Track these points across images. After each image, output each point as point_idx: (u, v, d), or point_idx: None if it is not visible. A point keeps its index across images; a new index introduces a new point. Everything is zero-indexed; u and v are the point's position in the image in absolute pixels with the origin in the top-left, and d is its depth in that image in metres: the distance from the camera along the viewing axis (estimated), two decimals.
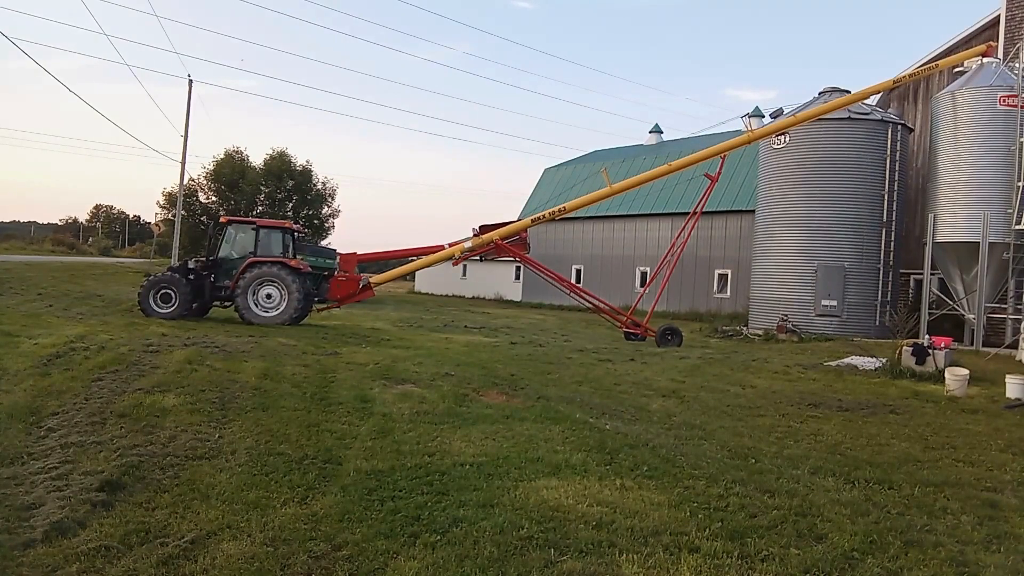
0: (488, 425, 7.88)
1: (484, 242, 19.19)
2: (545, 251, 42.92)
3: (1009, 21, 22.92)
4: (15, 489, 5.29)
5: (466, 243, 19.24)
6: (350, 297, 18.93)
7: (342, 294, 18.68)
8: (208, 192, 51.50)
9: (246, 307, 16.78)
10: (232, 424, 7.30)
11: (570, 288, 21.44)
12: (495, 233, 19.26)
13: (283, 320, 16.76)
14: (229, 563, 4.28)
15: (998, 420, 10.22)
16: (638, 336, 20.39)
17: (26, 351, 10.27)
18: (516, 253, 20.07)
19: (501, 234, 19.29)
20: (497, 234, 19.24)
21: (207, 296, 17.50)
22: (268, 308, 16.96)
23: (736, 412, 9.97)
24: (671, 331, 19.84)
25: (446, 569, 4.32)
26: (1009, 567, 4.87)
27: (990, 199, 20.03)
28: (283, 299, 16.92)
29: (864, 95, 21.62)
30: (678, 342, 19.44)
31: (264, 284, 16.91)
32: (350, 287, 18.71)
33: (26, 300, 18.32)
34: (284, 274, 16.91)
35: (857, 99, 21.68)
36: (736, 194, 33.71)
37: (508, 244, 19.50)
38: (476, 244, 19.24)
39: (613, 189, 19.86)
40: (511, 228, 19.55)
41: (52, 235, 72.64)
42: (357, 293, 18.85)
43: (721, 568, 4.51)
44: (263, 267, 16.88)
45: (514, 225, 19.73)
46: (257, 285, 16.88)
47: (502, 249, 19.54)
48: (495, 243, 19.19)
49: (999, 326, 20.89)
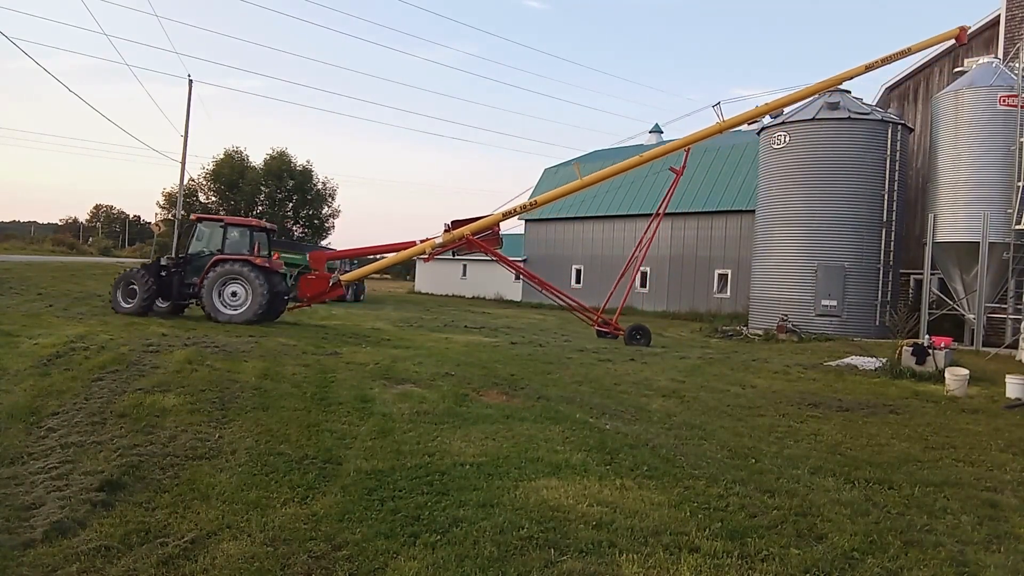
0: (488, 425, 7.88)
1: (455, 237, 19.14)
2: (546, 251, 42.97)
3: (1009, 21, 22.92)
4: (15, 489, 5.29)
5: (437, 239, 19.28)
6: (320, 296, 18.80)
7: (312, 292, 18.52)
8: (208, 192, 51.54)
9: (211, 304, 16.55)
10: (232, 424, 7.30)
11: (542, 286, 21.43)
12: (466, 228, 19.21)
13: (247, 318, 16.39)
14: (229, 563, 4.28)
15: (998, 420, 10.22)
16: (610, 334, 20.45)
17: (26, 351, 10.27)
18: (487, 249, 20.05)
19: (472, 229, 19.22)
20: (468, 229, 19.18)
21: (174, 293, 17.30)
22: (234, 306, 16.67)
23: (736, 412, 9.97)
24: (639, 330, 19.96)
25: (446, 569, 4.32)
26: (1009, 567, 4.87)
27: (990, 199, 20.04)
28: (248, 297, 16.63)
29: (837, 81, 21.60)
30: (646, 342, 19.49)
31: (229, 282, 16.68)
32: (320, 285, 18.55)
33: (26, 300, 18.31)
34: (248, 271, 16.57)
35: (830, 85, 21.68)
36: (736, 194, 33.70)
37: (479, 240, 19.45)
38: (447, 239, 19.20)
39: (584, 182, 19.99)
40: (482, 223, 19.44)
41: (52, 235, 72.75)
42: (327, 291, 18.70)
43: (721, 568, 4.51)
44: (228, 265, 16.65)
45: (485, 220, 19.55)
46: (222, 283, 16.67)
47: (473, 244, 19.49)
48: (466, 238, 19.15)
49: (999, 326, 20.89)
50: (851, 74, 21.52)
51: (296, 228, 52.69)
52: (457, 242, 19.30)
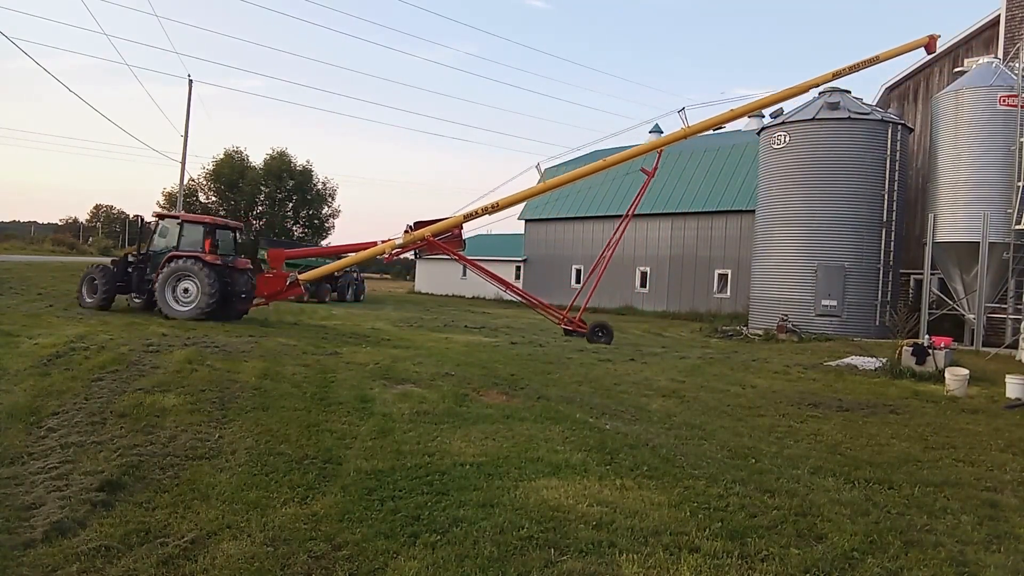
0: (488, 425, 7.88)
1: (415, 238, 19.31)
2: (546, 251, 42.97)
3: (1009, 21, 22.92)
4: (15, 489, 5.29)
5: (398, 239, 19.47)
6: (277, 294, 18.87)
7: (269, 291, 18.57)
8: (208, 192, 51.54)
9: (162, 300, 16.69)
10: (232, 424, 7.30)
11: (506, 286, 21.50)
12: (427, 230, 19.33)
13: (194, 315, 16.42)
14: (229, 563, 4.28)
15: (998, 420, 10.22)
16: (576, 332, 20.54)
17: (26, 351, 10.27)
18: (448, 250, 20.18)
19: (432, 231, 19.35)
20: (428, 231, 19.31)
21: (134, 288, 17.69)
22: (185, 302, 16.74)
23: (736, 412, 9.97)
24: (601, 328, 20.12)
25: (446, 569, 4.31)
26: (1009, 567, 4.87)
27: (990, 199, 20.04)
28: (198, 293, 16.70)
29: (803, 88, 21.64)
30: (607, 340, 19.59)
31: (182, 278, 16.79)
32: (277, 284, 18.63)
33: (26, 300, 18.32)
34: (198, 268, 16.61)
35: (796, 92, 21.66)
36: (736, 194, 33.71)
37: (440, 241, 19.56)
38: (407, 240, 19.38)
39: (546, 185, 20.13)
40: (442, 225, 19.54)
41: (52, 235, 72.71)
42: (284, 290, 18.78)
43: (721, 568, 4.51)
44: (180, 261, 16.79)
45: (446, 222, 19.64)
46: (176, 279, 16.79)
47: (434, 246, 19.63)
48: (427, 239, 19.29)
49: (999, 326, 20.89)
50: (818, 81, 21.71)
51: (296, 228, 52.72)
52: (418, 243, 19.55)
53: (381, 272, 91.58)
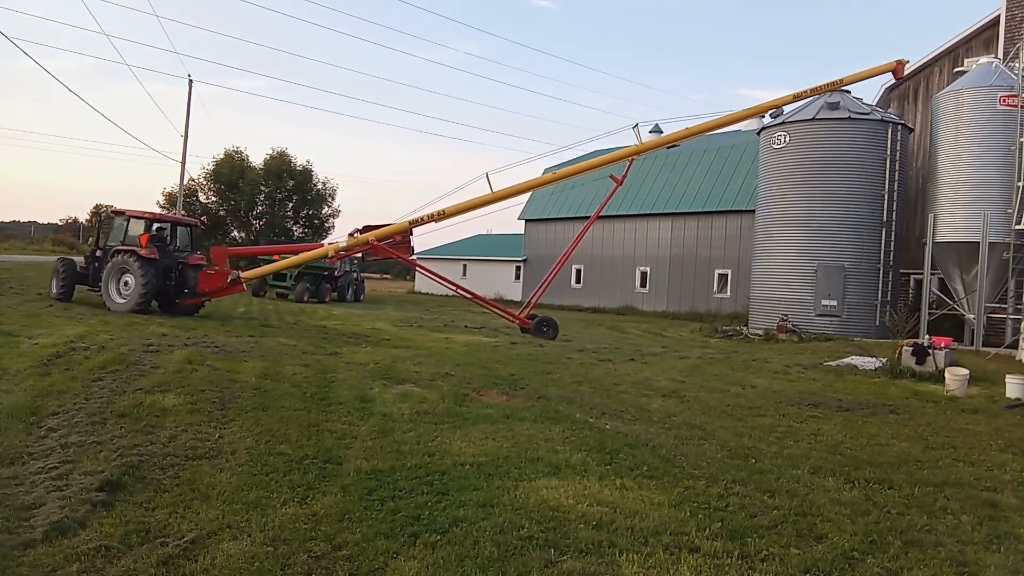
0: (488, 425, 7.88)
1: (360, 242, 19.46)
2: (546, 251, 42.95)
3: (1009, 21, 22.92)
4: (15, 489, 5.29)
5: (341, 242, 19.71)
6: (218, 291, 18.98)
7: (210, 287, 18.68)
8: (208, 192, 51.56)
9: (106, 294, 17.29)
10: (232, 424, 7.30)
11: (456, 288, 21.67)
12: (371, 234, 19.43)
13: (130, 307, 16.86)
14: (229, 563, 4.28)
15: (998, 420, 10.23)
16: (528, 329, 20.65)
17: (26, 351, 10.27)
18: (394, 255, 20.34)
19: (377, 235, 19.43)
20: (373, 235, 19.41)
21: (91, 281, 18.34)
22: (125, 295, 17.19)
23: (736, 412, 9.97)
24: (546, 322, 20.43)
25: (446, 569, 4.31)
26: (1009, 567, 4.87)
27: (990, 199, 20.04)
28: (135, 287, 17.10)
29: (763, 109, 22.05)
30: (553, 334, 19.81)
31: (124, 273, 17.25)
32: (218, 280, 18.74)
33: (26, 300, 18.31)
34: (132, 261, 17.04)
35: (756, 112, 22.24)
36: (736, 194, 33.72)
37: (386, 246, 19.67)
38: (351, 244, 19.55)
39: (496, 195, 19.97)
40: (388, 230, 19.61)
41: (52, 235, 72.73)
42: (225, 287, 18.89)
43: (721, 568, 4.51)
44: (120, 256, 17.26)
45: (391, 227, 19.69)
46: (119, 272, 17.29)
47: (378, 250, 19.82)
48: (371, 244, 19.42)
49: (999, 326, 20.89)
50: (779, 102, 22.02)
51: (296, 228, 52.73)
52: (361, 247, 19.81)
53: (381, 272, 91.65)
